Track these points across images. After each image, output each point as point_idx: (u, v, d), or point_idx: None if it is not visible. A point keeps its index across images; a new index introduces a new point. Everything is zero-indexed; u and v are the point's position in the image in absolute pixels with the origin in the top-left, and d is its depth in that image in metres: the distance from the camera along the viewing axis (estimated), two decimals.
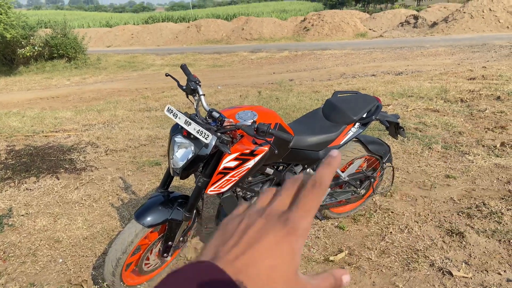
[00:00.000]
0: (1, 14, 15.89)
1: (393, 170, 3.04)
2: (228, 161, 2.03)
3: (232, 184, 2.10)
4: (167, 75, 2.31)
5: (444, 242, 2.69)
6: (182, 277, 0.33)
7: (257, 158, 2.07)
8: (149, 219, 2.06)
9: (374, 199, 3.27)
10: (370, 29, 26.16)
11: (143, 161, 4.38)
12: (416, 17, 25.54)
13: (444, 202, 3.19)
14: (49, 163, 4.34)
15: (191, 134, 1.94)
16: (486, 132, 4.75)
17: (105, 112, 7.48)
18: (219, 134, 1.97)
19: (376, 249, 2.66)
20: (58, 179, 3.95)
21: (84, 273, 2.59)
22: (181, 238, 2.30)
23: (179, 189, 3.61)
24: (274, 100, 7.37)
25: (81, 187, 3.80)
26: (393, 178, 3.09)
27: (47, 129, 6.14)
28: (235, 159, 2.04)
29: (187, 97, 2.25)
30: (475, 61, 11.68)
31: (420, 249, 2.62)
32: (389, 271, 2.46)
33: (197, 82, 2.20)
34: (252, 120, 2.09)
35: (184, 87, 2.22)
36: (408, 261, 2.53)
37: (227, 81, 11.93)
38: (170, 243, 2.20)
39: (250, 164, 2.07)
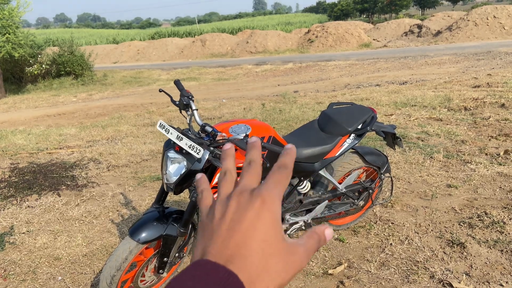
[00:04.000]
0: (9, 34, 16.20)
1: (391, 180, 3.01)
2: None
3: None
4: (160, 90, 2.33)
5: (444, 253, 2.64)
6: (180, 282, 0.33)
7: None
8: (143, 235, 2.05)
9: (374, 210, 3.23)
10: (374, 39, 26.25)
11: (145, 176, 4.39)
12: (420, 26, 25.59)
13: (445, 212, 3.15)
14: (51, 180, 4.37)
15: (184, 149, 1.94)
16: (489, 140, 4.70)
17: (109, 128, 7.54)
18: (212, 148, 1.97)
19: (375, 261, 2.62)
20: (60, 196, 3.98)
21: None
22: (177, 254, 2.28)
23: (178, 203, 3.61)
24: (277, 112, 7.38)
25: (81, 203, 3.81)
26: (392, 189, 3.06)
27: (51, 146, 6.20)
28: None
29: (180, 112, 2.26)
30: (480, 68, 11.63)
31: (420, 261, 2.58)
32: (388, 283, 2.42)
33: (190, 97, 2.21)
34: (244, 134, 2.09)
35: (177, 103, 2.23)
36: (408, 273, 2.48)
37: (232, 94, 11.99)
38: (165, 259, 2.19)
39: None
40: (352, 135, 2.52)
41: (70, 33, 26.12)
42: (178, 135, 1.93)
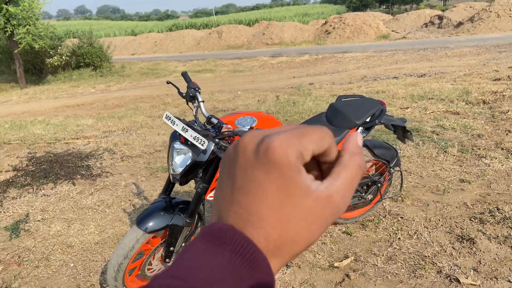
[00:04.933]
0: (29, 26, 16.48)
1: (401, 174, 2.98)
2: None
3: None
4: (168, 82, 2.35)
5: (453, 248, 2.62)
6: (194, 248, 0.31)
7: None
8: (149, 224, 2.09)
9: (384, 204, 3.21)
10: (393, 31, 25.79)
11: (157, 167, 4.45)
12: (440, 17, 25.02)
13: (456, 207, 3.11)
14: (67, 170, 4.47)
15: (189, 140, 1.96)
16: (506, 134, 4.59)
17: (125, 119, 7.65)
18: (217, 140, 1.98)
19: (382, 256, 2.61)
20: (74, 185, 4.07)
21: (93, 278, 2.65)
22: (183, 244, 2.32)
23: (189, 194, 3.65)
24: (291, 105, 7.35)
25: (95, 192, 3.90)
26: (402, 183, 3.03)
27: (69, 136, 6.33)
28: None
29: (187, 103, 2.28)
30: (502, 61, 11.32)
31: (428, 256, 2.55)
32: (394, 278, 2.41)
33: (197, 89, 2.23)
34: (249, 126, 2.10)
35: (184, 94, 2.25)
36: (415, 267, 2.47)
37: (247, 86, 11.99)
38: (172, 248, 2.23)
39: None
40: (360, 128, 2.50)
41: (89, 25, 26.48)
42: (183, 127, 1.95)
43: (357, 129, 2.49)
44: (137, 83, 16.16)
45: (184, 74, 2.35)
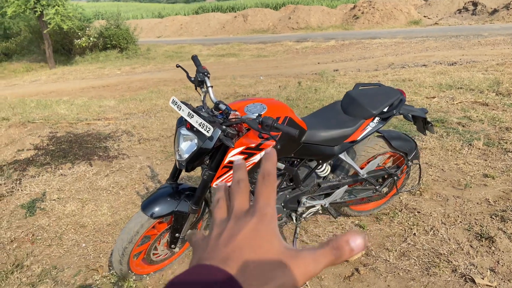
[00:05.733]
0: (58, 6, 16.74)
1: (420, 168, 2.85)
2: (233, 155, 1.99)
3: None
4: (177, 66, 2.29)
5: (471, 246, 2.50)
6: (176, 284, 0.34)
7: (263, 153, 2.01)
8: (155, 210, 2.07)
9: (400, 197, 3.10)
10: (424, 16, 24.92)
11: (172, 151, 4.44)
12: (475, 4, 23.97)
13: (477, 203, 2.97)
14: (85, 150, 4.53)
15: (194, 126, 1.91)
16: None
17: (146, 102, 7.70)
18: (224, 127, 1.92)
19: (395, 251, 2.52)
20: (91, 166, 4.12)
21: (102, 259, 2.67)
22: (190, 230, 2.30)
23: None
24: (312, 92, 7.21)
25: (111, 174, 3.93)
26: (420, 177, 2.90)
27: (91, 117, 6.41)
28: (241, 153, 1.99)
29: (196, 89, 2.22)
30: None
31: (444, 253, 2.45)
32: (406, 274, 2.33)
33: (206, 73, 2.17)
34: (258, 113, 2.03)
35: (193, 79, 2.20)
36: (429, 265, 2.37)
37: (270, 71, 11.85)
38: (177, 234, 2.21)
39: (256, 158, 2.02)
40: (377, 118, 2.39)
41: (118, 6, 26.69)
42: (189, 112, 1.90)
43: (373, 119, 2.38)
44: (161, 66, 16.26)
45: (194, 58, 2.29)
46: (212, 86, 2.16)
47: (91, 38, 20.13)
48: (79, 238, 2.94)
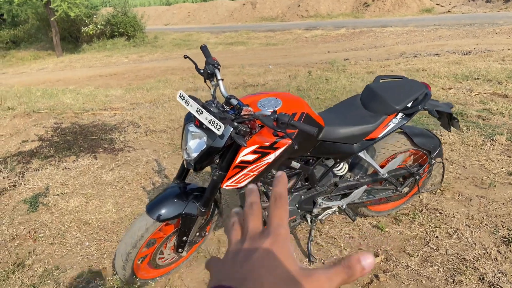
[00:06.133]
0: None
1: (443, 166, 2.67)
2: (245, 154, 1.83)
3: (250, 179, 1.90)
4: (185, 57, 2.12)
5: (499, 252, 2.33)
6: None
7: (278, 152, 1.85)
8: (160, 212, 1.93)
9: (420, 197, 2.93)
10: (437, 4, 24.32)
11: (180, 144, 4.30)
12: None
13: (503, 204, 2.79)
14: (90, 142, 4.40)
15: (204, 124, 1.75)
16: None
17: (154, 91, 7.54)
18: (235, 124, 1.76)
19: (417, 256, 2.36)
20: (96, 159, 3.98)
21: (106, 260, 2.55)
22: (198, 233, 2.15)
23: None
24: (323, 82, 7.00)
25: (116, 168, 3.79)
26: (443, 176, 2.72)
27: (97, 107, 6.28)
28: (254, 152, 1.83)
29: (205, 81, 2.06)
30: None
31: (470, 259, 2.28)
32: (430, 282, 2.17)
33: (216, 65, 2.00)
34: (272, 109, 1.86)
35: (202, 71, 2.03)
36: (454, 272, 2.21)
37: (279, 60, 11.62)
38: (185, 238, 2.07)
39: (270, 158, 1.85)
40: (400, 114, 2.21)
41: None
42: (198, 108, 1.73)
43: (396, 115, 2.20)
44: (169, 54, 16.07)
45: (203, 48, 2.12)
46: (222, 79, 2.00)
47: (98, 26, 19.95)
48: (82, 236, 2.82)
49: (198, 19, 29.37)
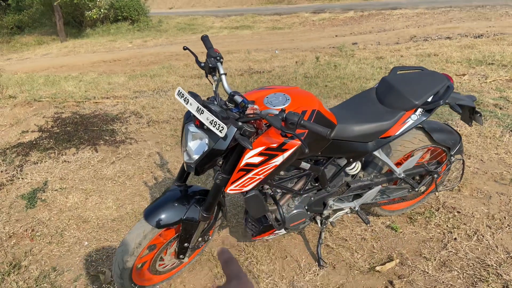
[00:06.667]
0: None
1: (463, 164, 2.49)
2: (251, 157, 1.67)
3: (256, 183, 1.75)
4: (185, 48, 1.95)
5: None
6: None
7: (286, 154, 1.69)
8: (159, 218, 1.78)
9: (437, 193, 2.76)
10: None
11: (180, 142, 4.15)
12: None
13: None
14: (91, 134, 4.26)
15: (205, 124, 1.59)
16: None
17: (157, 78, 7.37)
18: (240, 124, 1.60)
19: (435, 260, 2.21)
20: (97, 152, 3.85)
21: (105, 262, 2.43)
22: (200, 238, 2.02)
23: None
24: (332, 68, 6.78)
25: (117, 161, 3.66)
26: (462, 173, 2.55)
27: (99, 95, 6.13)
28: (260, 154, 1.67)
29: (207, 76, 1.89)
30: None
31: (492, 265, 2.13)
32: None
33: (218, 58, 1.82)
34: (281, 107, 1.69)
35: (203, 64, 1.86)
36: (475, 279, 2.06)
37: (285, 44, 11.35)
38: (186, 244, 1.93)
39: (278, 160, 1.69)
40: (419, 109, 2.03)
41: None
42: (198, 107, 1.56)
43: (415, 110, 2.02)
44: (173, 39, 15.80)
45: (204, 38, 1.95)
46: (225, 74, 1.83)
47: (101, 10, 19.64)
48: (81, 235, 2.70)
49: (203, 2, 28.87)
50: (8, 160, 3.76)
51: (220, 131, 1.51)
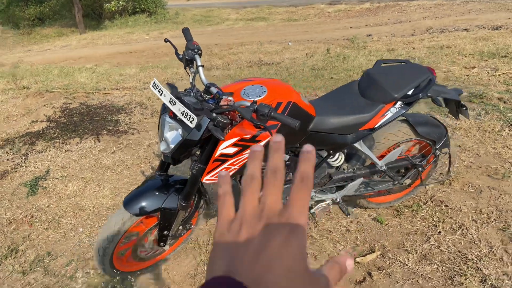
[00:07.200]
0: None
1: (449, 157, 2.47)
2: (225, 147, 1.71)
3: (232, 173, 1.79)
4: (166, 40, 2.00)
5: (505, 251, 2.16)
6: None
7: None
8: (138, 206, 1.84)
9: (427, 187, 2.75)
10: None
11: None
12: None
13: None
14: (96, 124, 4.37)
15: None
16: None
17: (169, 70, 7.46)
18: (214, 115, 1.64)
19: (416, 253, 2.22)
20: (99, 142, 3.95)
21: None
22: (181, 226, 2.07)
23: None
24: (340, 60, 6.72)
25: (117, 151, 3.75)
26: (449, 167, 2.53)
27: (109, 86, 6.25)
28: (234, 145, 1.71)
29: (185, 68, 1.93)
30: None
31: (473, 258, 2.12)
32: (426, 283, 2.03)
33: (196, 50, 1.86)
34: (253, 99, 1.72)
35: (181, 57, 1.90)
36: (454, 272, 2.06)
37: (299, 36, 11.29)
38: (166, 232, 1.99)
39: None
40: (399, 102, 2.02)
41: None
42: (171, 99, 1.61)
43: (395, 103, 2.02)
44: None
45: (185, 31, 1.99)
46: (203, 66, 1.87)
47: (120, 2, 19.87)
48: (77, 222, 2.80)
49: None
50: (15, 148, 3.90)
51: (190, 122, 1.56)
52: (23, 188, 3.23)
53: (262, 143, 1.71)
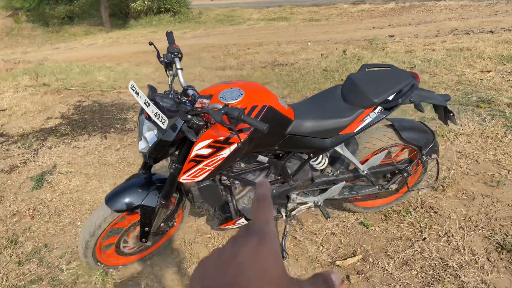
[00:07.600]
0: None
1: (437, 163, 2.44)
2: (200, 148, 1.76)
3: (207, 173, 1.83)
4: (150, 43, 2.06)
5: (488, 259, 2.12)
6: None
7: (233, 147, 1.76)
8: (118, 203, 1.92)
9: (419, 192, 2.72)
10: None
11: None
12: None
13: (508, 205, 2.51)
14: (105, 122, 4.51)
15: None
16: None
17: (184, 70, 7.56)
18: (189, 117, 1.69)
19: (397, 258, 2.20)
20: (106, 139, 4.08)
21: None
22: (163, 224, 2.14)
23: None
24: (354, 62, 6.67)
25: (121, 148, 3.87)
26: (437, 174, 2.49)
27: (124, 85, 6.42)
28: (208, 146, 1.75)
29: (166, 71, 1.99)
30: None
31: (453, 266, 2.09)
32: None
33: (176, 53, 1.92)
34: (228, 102, 1.76)
35: (161, 59, 1.96)
36: (432, 279, 2.04)
37: (320, 36, 11.24)
38: (147, 229, 2.06)
39: (226, 153, 1.77)
40: (379, 107, 2.02)
41: None
42: (146, 100, 1.67)
43: (375, 108, 2.01)
44: (211, 31, 16.05)
45: (168, 34, 2.05)
46: (181, 69, 1.93)
47: (145, 2, 20.29)
48: (76, 216, 2.91)
49: None
50: (27, 144, 4.08)
51: (162, 123, 1.62)
52: (30, 182, 3.37)
53: (235, 145, 1.75)
